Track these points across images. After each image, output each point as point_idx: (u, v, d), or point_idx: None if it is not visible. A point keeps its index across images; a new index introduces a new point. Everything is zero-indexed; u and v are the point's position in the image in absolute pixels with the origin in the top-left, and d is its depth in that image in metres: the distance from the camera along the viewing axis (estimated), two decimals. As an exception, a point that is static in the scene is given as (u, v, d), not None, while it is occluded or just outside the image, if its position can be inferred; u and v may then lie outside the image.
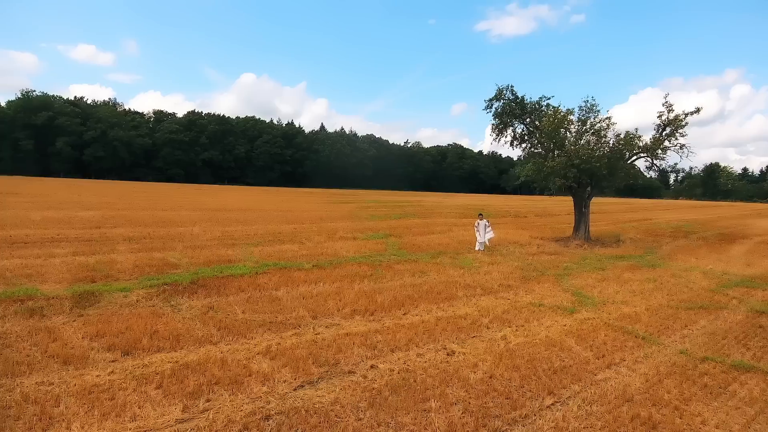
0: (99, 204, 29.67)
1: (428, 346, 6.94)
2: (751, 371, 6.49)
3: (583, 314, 9.10)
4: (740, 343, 7.66)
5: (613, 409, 5.22)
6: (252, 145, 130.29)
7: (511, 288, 11.18)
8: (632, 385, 5.89)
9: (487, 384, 5.72)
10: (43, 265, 10.92)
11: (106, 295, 8.65)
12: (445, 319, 8.36)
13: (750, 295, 11.33)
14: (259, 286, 9.99)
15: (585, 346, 7.22)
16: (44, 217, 20.29)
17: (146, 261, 11.94)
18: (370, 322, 8.02)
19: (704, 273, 14.13)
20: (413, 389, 5.47)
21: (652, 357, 6.91)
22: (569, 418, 4.99)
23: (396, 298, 9.59)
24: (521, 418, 4.95)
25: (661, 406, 5.34)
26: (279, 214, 29.24)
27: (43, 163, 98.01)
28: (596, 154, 18.48)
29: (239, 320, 7.63)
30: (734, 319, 9.18)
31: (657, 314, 9.26)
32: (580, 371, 6.27)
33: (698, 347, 7.40)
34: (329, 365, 6.06)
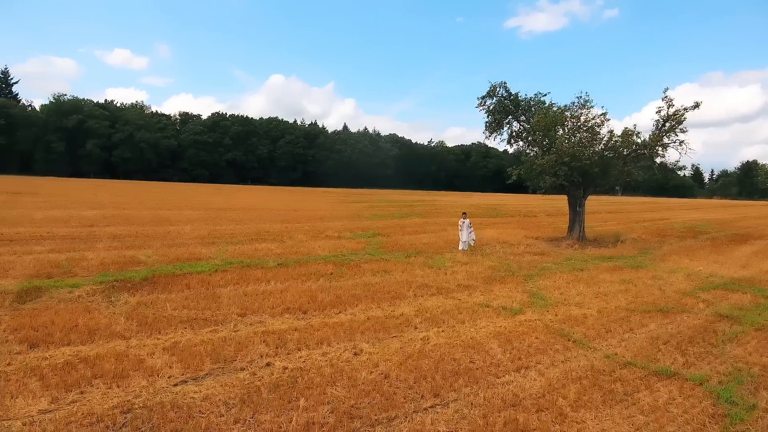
0: (108, 204, 30.77)
1: (339, 345, 6.91)
2: (671, 378, 6.19)
3: (527, 315, 8.87)
4: (679, 349, 7.31)
5: (491, 413, 5.08)
6: (275, 146, 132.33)
7: (469, 288, 11.00)
8: (530, 389, 5.71)
9: (375, 384, 5.65)
10: (13, 261, 11.41)
11: (52, 291, 8.97)
12: (376, 318, 8.31)
13: (724, 298, 10.79)
14: (208, 283, 10.16)
15: (506, 349, 7.04)
16: (46, 216, 21.19)
17: (115, 258, 12.32)
18: (297, 320, 8.05)
19: (688, 275, 13.54)
20: (294, 388, 5.47)
21: (571, 361, 6.67)
22: (439, 421, 4.88)
23: (340, 297, 9.58)
24: (387, 420, 4.88)
25: (546, 412, 5.16)
26: (280, 213, 29.62)
27: (74, 165, 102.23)
28: (587, 152, 17.94)
29: (164, 316, 7.79)
30: (690, 323, 8.77)
31: (607, 317, 8.93)
32: (484, 374, 6.12)
33: (630, 352, 7.10)
34: (224, 362, 6.12)
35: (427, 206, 45.14)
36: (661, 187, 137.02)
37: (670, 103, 19.25)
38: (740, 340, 7.82)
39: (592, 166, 18.16)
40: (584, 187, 19.99)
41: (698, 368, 6.55)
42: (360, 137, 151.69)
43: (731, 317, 9.19)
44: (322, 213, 31.83)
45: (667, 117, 19.26)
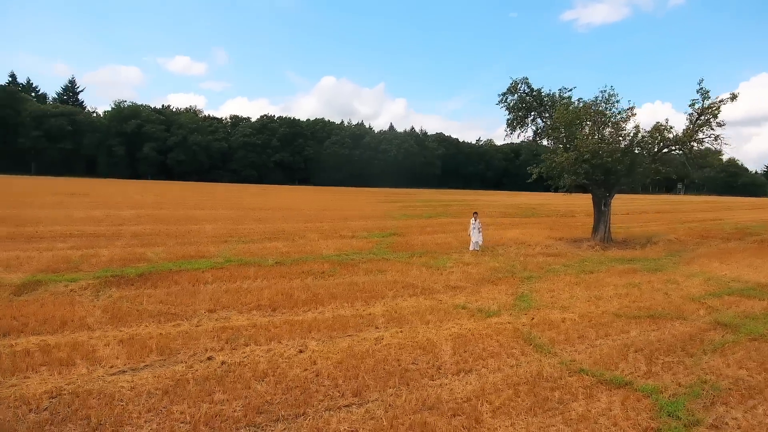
0: (149, 204, 32.73)
1: (289, 342, 7.07)
2: (621, 388, 5.85)
3: (501, 318, 8.64)
4: (648, 357, 6.88)
5: (402, 415, 5.04)
6: (321, 147, 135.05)
7: (456, 289, 10.84)
8: (459, 393, 5.60)
9: (301, 382, 5.75)
10: (32, 257, 12.46)
11: (50, 285, 9.74)
12: (341, 317, 8.40)
13: (734, 305, 9.99)
14: (196, 280, 10.64)
15: (457, 352, 6.91)
16: (85, 215, 22.88)
17: (124, 255, 13.15)
18: (263, 317, 8.29)
19: (708, 279, 12.61)
20: (221, 381, 5.67)
21: (520, 366, 6.46)
22: (344, 421, 4.91)
23: (317, 295, 9.75)
24: (293, 417, 4.96)
25: (461, 418, 5.05)
26: (309, 213, 30.29)
27: (133, 167, 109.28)
28: (608, 148, 17.08)
29: (137, 310, 8.27)
30: (678, 330, 8.21)
31: (588, 321, 8.53)
32: (420, 376, 6.06)
33: (591, 359, 6.77)
34: (169, 354, 6.43)
35: (464, 206, 44.55)
36: (729, 186, 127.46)
37: (706, 95, 18.00)
38: (725, 350, 7.24)
39: (615, 163, 17.28)
40: (608, 185, 19.05)
41: (658, 379, 6.15)
42: (406, 137, 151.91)
43: (730, 325, 8.51)
44: (351, 213, 32.24)
45: (702, 110, 18.01)
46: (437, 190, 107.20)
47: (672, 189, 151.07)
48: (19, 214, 22.28)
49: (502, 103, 21.15)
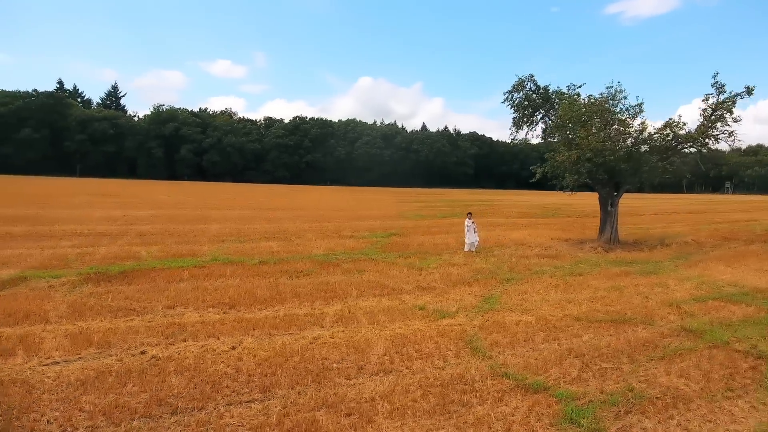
0: (170, 204, 34.06)
1: (226, 339, 7.28)
2: (537, 393, 5.72)
3: (454, 320, 8.57)
4: (585, 363, 6.66)
5: (296, 413, 5.11)
6: (352, 147, 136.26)
7: (426, 290, 10.80)
8: (366, 393, 5.61)
9: (216, 377, 5.92)
10: (32, 254, 13.29)
11: (34, 281, 10.39)
12: (292, 316, 8.55)
13: (714, 310, 9.48)
14: (171, 277, 11.07)
15: (389, 353, 6.92)
16: (103, 215, 24.11)
17: (117, 254, 13.82)
18: (216, 314, 8.55)
19: (702, 283, 12.01)
20: (141, 374, 5.92)
21: (446, 369, 6.41)
22: (237, 416, 5.04)
23: (280, 294, 9.96)
24: (190, 409, 5.13)
25: (354, 417, 5.08)
26: (322, 213, 30.74)
27: (171, 168, 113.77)
28: (610, 147, 16.49)
29: (101, 305, 8.71)
30: (635, 336, 7.90)
31: (542, 325, 8.33)
32: (337, 375, 6.12)
33: (523, 363, 6.63)
34: (105, 347, 6.77)
35: (485, 206, 44.04)
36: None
37: (721, 90, 17.12)
38: (675, 358, 6.92)
39: (618, 162, 16.68)
40: (613, 185, 18.41)
41: (582, 385, 5.97)
42: (438, 137, 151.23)
43: (696, 332, 8.11)
44: (366, 213, 32.50)
45: (716, 105, 17.14)
46: (468, 190, 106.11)
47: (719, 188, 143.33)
48: (44, 213, 23.71)
49: (507, 102, 20.77)
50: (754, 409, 5.49)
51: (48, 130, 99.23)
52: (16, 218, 21.22)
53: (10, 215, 22.23)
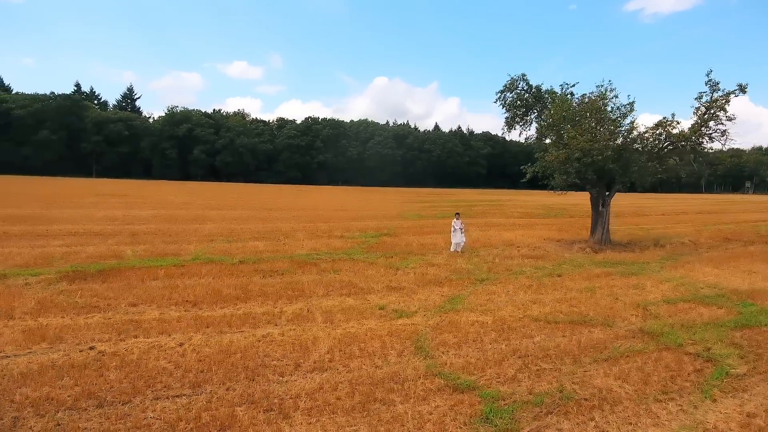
0: (173, 204, 34.64)
1: (178, 336, 7.44)
2: (464, 393, 5.73)
3: (411, 320, 8.61)
4: (524, 364, 6.64)
5: (218, 407, 5.23)
6: (364, 147, 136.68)
7: (394, 290, 10.85)
8: (293, 390, 5.71)
9: (153, 372, 6.07)
10: (21, 253, 13.70)
11: (12, 278, 10.71)
12: (250, 314, 8.67)
13: (679, 313, 9.33)
14: (145, 276, 11.32)
15: (332, 351, 7.01)
16: (104, 215, 24.67)
17: (102, 253, 14.17)
18: (176, 311, 8.73)
19: (680, 285, 11.84)
20: (82, 369, 6.10)
21: (383, 367, 6.46)
22: (160, 410, 5.18)
23: (247, 293, 10.10)
24: (117, 403, 5.28)
25: (272, 413, 5.18)
26: (322, 213, 30.97)
27: (184, 169, 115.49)
28: (598, 147, 16.29)
29: (67, 302, 8.97)
30: (587, 338, 7.84)
31: (497, 326, 8.32)
32: (271, 372, 6.21)
33: (463, 363, 6.64)
34: (57, 342, 6.99)
35: (489, 206, 43.83)
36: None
37: (715, 87, 16.82)
38: (621, 360, 6.86)
39: (606, 161, 16.48)
40: (602, 185, 18.20)
41: (513, 385, 5.97)
42: (450, 136, 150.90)
43: (653, 333, 8.02)
44: (366, 213, 32.63)
45: (710, 104, 16.83)
46: (479, 190, 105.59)
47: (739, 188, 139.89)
48: (48, 213, 24.36)
49: (499, 101, 20.67)
50: (683, 412, 5.44)
51: (65, 131, 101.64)
52: (19, 218, 21.86)
53: (15, 215, 22.90)
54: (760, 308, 9.74)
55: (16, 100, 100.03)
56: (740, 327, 8.51)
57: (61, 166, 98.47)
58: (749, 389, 6.05)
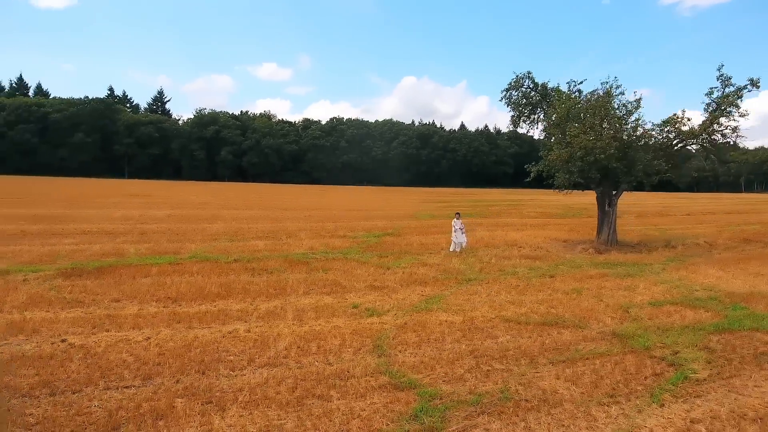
0: (193, 204, 35.65)
1: (147, 330, 7.74)
2: (403, 391, 5.77)
3: (379, 318, 8.68)
4: (478, 364, 6.63)
5: (159, 398, 5.43)
6: (388, 147, 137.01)
7: (376, 289, 10.93)
8: (239, 383, 5.88)
9: (114, 364, 6.35)
10: (31, 251, 14.42)
11: (13, 275, 11.31)
12: (225, 311, 8.92)
13: (661, 316, 9.07)
14: (137, 273, 11.77)
15: (290, 347, 7.16)
16: (121, 215, 25.64)
17: (107, 251, 14.77)
18: (155, 308, 9.06)
19: (675, 287, 11.51)
20: (47, 359, 6.45)
21: (335, 364, 6.57)
22: (106, 399, 5.44)
23: (230, 290, 10.37)
24: (68, 392, 5.56)
25: (211, 404, 5.38)
26: (336, 213, 31.30)
27: (212, 170, 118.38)
28: (600, 144, 15.90)
29: (56, 298, 9.43)
30: (554, 339, 7.73)
31: (465, 326, 8.30)
32: (225, 367, 6.41)
33: (417, 362, 6.67)
34: (32, 335, 7.39)
35: (507, 206, 43.44)
36: None
37: (727, 83, 16.23)
38: (579, 362, 6.76)
39: (609, 160, 16.09)
40: (608, 184, 17.78)
41: (457, 385, 5.97)
42: (476, 136, 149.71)
43: (624, 336, 7.85)
44: (379, 213, 32.82)
45: (721, 99, 16.25)
46: (504, 190, 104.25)
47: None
48: (69, 213, 25.51)
49: (505, 100, 20.48)
50: (624, 416, 5.34)
51: (99, 134, 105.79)
52: (41, 217, 22.97)
53: (38, 214, 24.07)
54: (750, 312, 9.38)
55: (53, 105, 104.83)
56: (720, 331, 8.23)
57: (95, 168, 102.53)
58: (704, 395, 5.88)
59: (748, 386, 6.15)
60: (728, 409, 5.48)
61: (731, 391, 6.00)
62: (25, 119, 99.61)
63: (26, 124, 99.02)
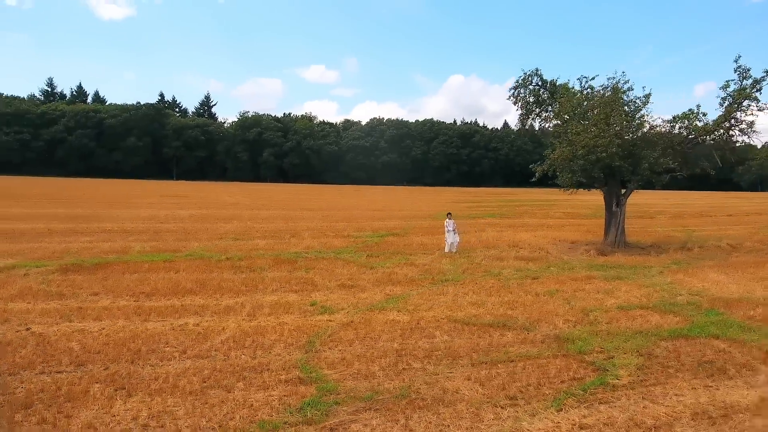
0: (223, 204, 37.17)
1: (107, 322, 8.35)
2: (306, 385, 5.99)
3: (331, 316, 8.91)
4: (395, 363, 6.74)
5: (82, 383, 5.94)
6: (428, 147, 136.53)
7: (347, 288, 11.17)
8: (156, 372, 6.31)
9: (60, 351, 6.93)
10: (45, 248, 15.66)
11: (18, 269, 12.33)
12: (191, 305, 9.42)
13: (621, 320, 8.77)
14: (126, 269, 12.57)
15: (227, 340, 7.53)
16: (148, 214, 27.20)
17: (113, 248, 15.81)
18: (126, 301, 9.68)
19: (660, 290, 11.12)
20: (3, 347, 7.15)
21: (260, 358, 6.88)
22: (34, 382, 5.99)
23: (204, 287, 10.92)
24: (5, 375, 6.20)
25: (122, 390, 5.79)
26: (350, 213, 31.81)
27: (255, 171, 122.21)
28: (601, 142, 15.35)
29: (42, 290, 10.28)
30: (488, 341, 7.67)
31: (409, 325, 8.39)
32: (157, 357, 6.86)
33: (339, 358, 6.86)
34: (2, 323, 8.15)
35: (537, 206, 42.74)
36: None
37: (745, 75, 15.31)
38: (499, 364, 6.71)
39: (611, 158, 15.52)
40: (615, 183, 17.14)
41: (364, 381, 6.09)
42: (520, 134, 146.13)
43: (566, 340, 7.68)
44: (397, 213, 33.05)
45: (738, 93, 15.34)
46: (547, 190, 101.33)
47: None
48: (101, 213, 27.31)
49: (513, 98, 20.16)
50: (513, 419, 5.30)
51: (149, 138, 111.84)
52: (73, 217, 24.76)
53: (72, 214, 25.96)
54: (723, 318, 8.89)
55: (108, 111, 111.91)
56: (674, 337, 7.89)
57: (146, 170, 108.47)
58: (612, 401, 5.72)
59: (668, 394, 5.92)
60: (627, 417, 5.33)
61: (645, 398, 5.81)
62: (83, 125, 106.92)
63: (84, 130, 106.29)
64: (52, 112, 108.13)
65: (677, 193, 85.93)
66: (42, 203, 32.29)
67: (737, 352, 7.33)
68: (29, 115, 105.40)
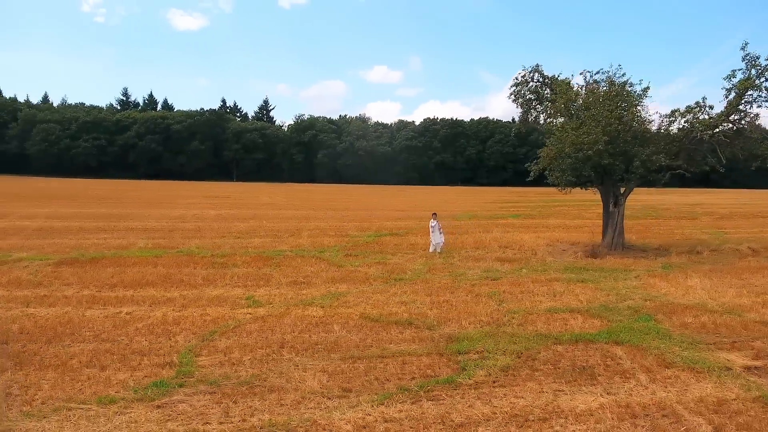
0: (254, 205, 39.11)
1: (53, 309, 9.47)
2: (168, 369, 6.63)
3: (258, 310, 9.44)
4: (269, 355, 7.21)
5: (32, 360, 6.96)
6: (483, 146, 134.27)
7: (297, 284, 11.73)
8: (84, 351, 7.21)
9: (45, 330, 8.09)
10: (64, 243, 17.51)
11: (21, 262, 14.05)
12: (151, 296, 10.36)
13: (533, 323, 8.65)
14: (118, 264, 13.90)
15: (151, 326, 8.34)
16: (178, 214, 29.29)
17: (120, 244, 17.42)
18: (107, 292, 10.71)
19: (613, 294, 10.72)
20: (-45, 325, 8.41)
21: (152, 344, 7.61)
22: None
23: (168, 279, 11.93)
24: None
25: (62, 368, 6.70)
26: (369, 213, 32.45)
27: (310, 173, 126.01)
28: (587, 140, 14.79)
29: (31, 281, 11.72)
30: (379, 337, 7.92)
31: (321, 321, 8.80)
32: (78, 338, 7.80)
33: (224, 347, 7.45)
34: (-28, 308, 9.50)
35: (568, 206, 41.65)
36: None
37: (754, 63, 14.25)
38: (369, 360, 6.98)
39: (599, 156, 14.93)
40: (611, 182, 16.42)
41: (228, 370, 6.64)
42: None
43: (456, 339, 7.77)
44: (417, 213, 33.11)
45: (746, 83, 14.27)
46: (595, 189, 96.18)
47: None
48: (134, 212, 29.63)
49: (514, 96, 19.81)
50: (332, 409, 5.61)
51: (211, 141, 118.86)
52: (107, 216, 27.12)
53: (109, 213, 28.49)
54: (647, 325, 8.49)
55: (174, 117, 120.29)
56: (575, 341, 7.73)
57: (208, 172, 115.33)
58: (442, 399, 5.83)
59: (506, 396, 5.94)
60: (439, 414, 5.46)
61: (479, 398, 5.86)
62: (152, 130, 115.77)
63: (153, 135, 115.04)
64: (126, 119, 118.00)
65: (740, 192, 78.74)
66: (90, 203, 35.61)
67: (629, 359, 7.08)
68: (106, 123, 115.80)
